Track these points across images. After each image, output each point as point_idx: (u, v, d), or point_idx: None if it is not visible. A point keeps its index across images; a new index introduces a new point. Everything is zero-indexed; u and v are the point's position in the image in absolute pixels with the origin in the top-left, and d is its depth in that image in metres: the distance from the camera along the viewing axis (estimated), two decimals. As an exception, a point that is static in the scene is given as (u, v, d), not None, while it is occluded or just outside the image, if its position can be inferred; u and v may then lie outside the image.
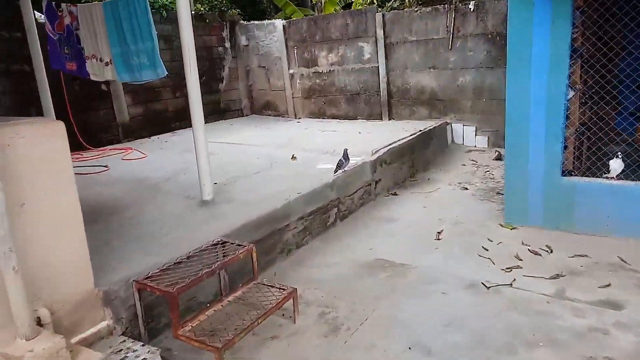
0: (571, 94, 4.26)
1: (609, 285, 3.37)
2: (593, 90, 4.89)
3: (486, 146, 7.29)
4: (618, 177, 4.11)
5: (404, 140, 6.43)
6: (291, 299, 3.04)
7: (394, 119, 8.20)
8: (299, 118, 9.19)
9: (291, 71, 9.09)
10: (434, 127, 7.20)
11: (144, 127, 7.71)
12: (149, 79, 4.60)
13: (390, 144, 6.16)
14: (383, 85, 8.12)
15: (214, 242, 3.17)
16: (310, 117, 9.14)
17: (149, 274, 2.73)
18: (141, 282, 2.64)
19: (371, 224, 4.87)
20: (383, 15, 7.84)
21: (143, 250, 3.21)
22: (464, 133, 7.47)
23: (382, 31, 7.89)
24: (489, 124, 7.24)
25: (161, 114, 7.98)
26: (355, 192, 5.23)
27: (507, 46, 4.30)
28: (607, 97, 4.48)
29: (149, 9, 4.46)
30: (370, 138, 6.65)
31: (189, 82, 4.06)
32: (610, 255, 3.78)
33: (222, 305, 2.99)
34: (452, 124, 7.55)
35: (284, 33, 8.95)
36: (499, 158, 6.64)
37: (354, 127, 7.75)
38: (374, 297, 3.46)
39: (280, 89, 9.31)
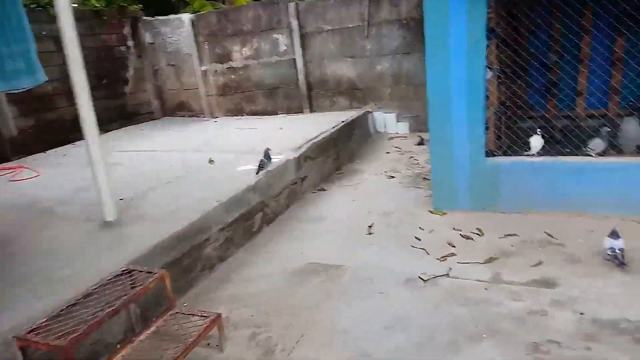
0: (489, 74, 4.24)
1: (540, 263, 3.37)
2: (508, 69, 4.96)
3: (408, 132, 7.29)
4: (539, 153, 4.15)
5: (327, 133, 6.22)
6: (216, 326, 2.68)
7: (315, 111, 7.98)
8: (216, 117, 8.70)
9: (203, 68, 8.55)
10: (356, 117, 7.07)
11: (37, 140, 6.84)
12: (28, 86, 3.97)
13: (313, 138, 5.92)
14: (302, 78, 7.86)
15: (119, 272, 2.72)
16: (228, 115, 8.68)
17: (36, 325, 2.25)
18: (24, 338, 2.16)
19: (300, 226, 4.60)
20: (297, 5, 7.55)
21: (30, 293, 2.69)
22: (386, 121, 7.42)
23: (297, 21, 7.60)
24: (409, 109, 7.24)
25: (56, 124, 7.13)
26: (281, 192, 4.93)
27: (425, 30, 4.18)
28: (521, 76, 4.52)
29: (21, 5, 3.84)
30: (292, 133, 6.37)
31: (76, 86, 3.52)
32: (538, 231, 3.80)
33: (135, 345, 2.57)
34: (374, 113, 7.47)
35: (193, 28, 8.38)
36: (421, 143, 6.65)
37: (274, 123, 7.42)
38: (309, 307, 3.20)
39: (193, 88, 8.73)
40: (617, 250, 3.12)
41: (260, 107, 8.38)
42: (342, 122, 6.74)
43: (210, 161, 5.38)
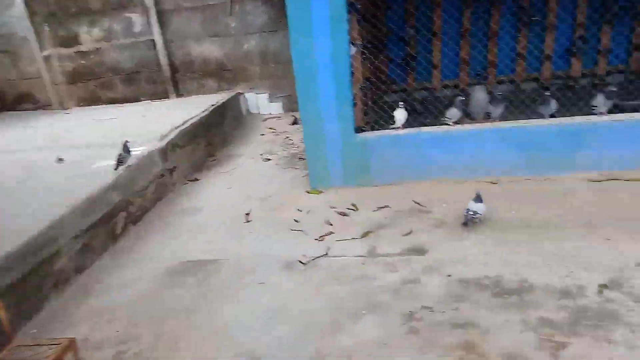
0: (353, 50, 4.24)
1: (411, 232, 3.51)
2: (369, 44, 5.05)
3: (282, 112, 7.19)
4: (403, 126, 4.30)
5: (197, 119, 5.84)
6: (70, 353, 2.32)
7: (182, 95, 7.47)
8: (68, 108, 7.70)
9: (45, 53, 7.46)
10: (227, 100, 6.76)
11: None
12: None
13: (180, 125, 5.51)
14: (164, 60, 7.27)
15: None
16: (82, 106, 7.74)
17: None
18: None
19: (172, 221, 4.26)
20: (147, -20, 6.89)
21: None
22: (258, 101, 7.22)
23: (151, -2, 6.95)
24: (281, 89, 7.12)
25: None
26: (147, 187, 4.51)
27: (287, 7, 4.03)
28: (382, 50, 4.62)
29: None
30: (157, 121, 5.86)
31: None
32: (408, 201, 3.96)
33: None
34: (245, 94, 7.22)
35: (27, 7, 7.22)
36: (295, 122, 6.59)
37: (136, 111, 6.80)
38: (184, 310, 2.96)
39: (35, 77, 7.60)
40: (470, 212, 3.35)
41: (120, 94, 7.61)
42: (212, 105, 6.39)
43: (59, 160, 4.71)
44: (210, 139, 6.02)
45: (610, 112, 3.86)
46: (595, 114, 3.85)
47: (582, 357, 2.13)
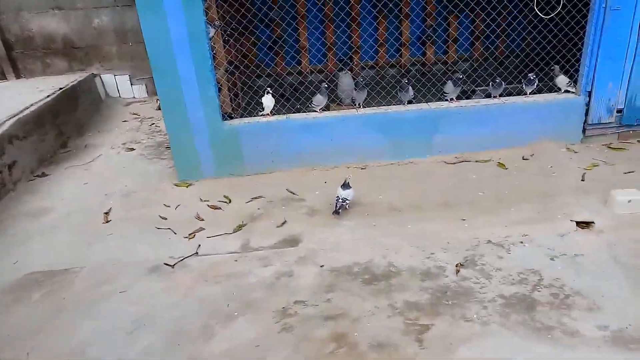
0: (212, 31, 3.96)
1: (285, 222, 3.43)
2: (232, 26, 4.79)
3: (146, 95, 6.59)
4: (272, 112, 4.18)
5: (40, 104, 5.04)
6: None
7: (23, 76, 6.42)
8: None
9: None
10: (79, 82, 5.96)
11: None
12: None
13: (18, 113, 4.71)
14: (-6, 34, 6.14)
15: None
16: None
17: None
18: None
19: (14, 226, 3.64)
20: (-37, -64, 5.68)
21: None
22: (118, 84, 6.51)
23: (-31, -41, 5.76)
24: (143, 70, 6.49)
25: None
26: (-23, 188, 3.78)
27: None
28: (246, 33, 4.41)
29: None
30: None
31: None
32: (281, 190, 3.88)
33: None
34: (101, 75, 6.45)
35: None
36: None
37: (-37, 95, 5.67)
38: (30, 332, 2.54)
39: None
40: (340, 200, 3.39)
41: (-62, 74, 6.28)
42: (61, 89, 5.58)
43: None
44: (61, 127, 5.27)
45: (459, 98, 4.18)
46: (447, 100, 4.13)
47: (443, 337, 2.26)
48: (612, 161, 3.86)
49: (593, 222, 3.05)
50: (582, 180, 3.61)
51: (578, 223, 3.05)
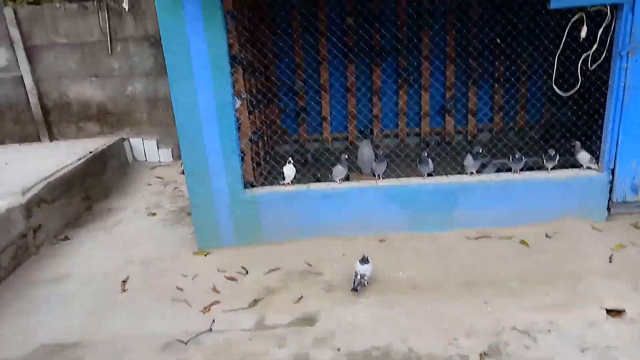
0: (238, 103, 4.11)
1: (301, 297, 3.36)
2: (259, 95, 4.97)
3: (171, 159, 6.78)
4: (292, 182, 4.22)
5: (71, 167, 5.22)
6: None
7: (57, 139, 6.72)
8: None
9: None
10: (109, 146, 6.19)
11: None
12: None
13: (50, 175, 4.87)
14: (34, 100, 6.50)
15: None
16: None
17: None
18: None
19: (31, 292, 3.65)
20: (15, 12, 6.17)
21: None
22: (145, 148, 6.73)
23: (19, 31, 6.23)
24: (170, 136, 6.72)
25: None
26: (2, 252, 3.85)
27: (165, 56, 3.80)
28: (272, 101, 4.55)
29: None
30: (22, 169, 5.13)
31: None
32: (299, 262, 3.83)
33: None
34: (130, 140, 6.69)
35: None
36: (186, 171, 6.23)
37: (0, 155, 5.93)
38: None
39: None
40: (358, 276, 3.32)
41: (-21, 136, 6.63)
42: (91, 152, 5.80)
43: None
44: (88, 190, 5.42)
45: (479, 171, 4.16)
46: (467, 174, 4.11)
47: None
48: (639, 242, 3.72)
49: (624, 310, 2.90)
50: (610, 262, 3.47)
51: (608, 311, 2.90)
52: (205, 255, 4.07)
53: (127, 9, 6.14)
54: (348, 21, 5.61)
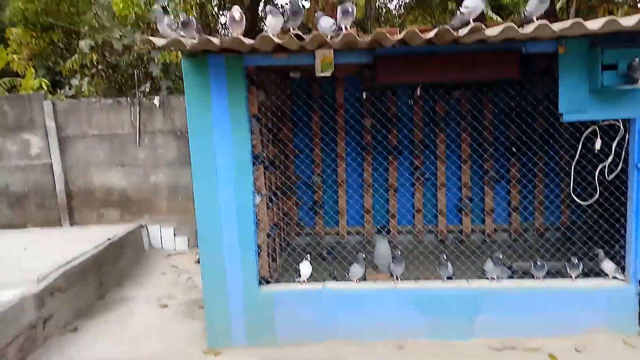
0: (258, 199, 4.19)
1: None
2: (278, 189, 5.08)
3: (187, 248, 6.79)
4: (309, 280, 4.15)
5: (87, 255, 5.24)
6: None
7: (77, 224, 6.84)
8: None
9: None
10: (127, 233, 6.26)
11: None
12: None
13: (65, 264, 4.88)
14: (60, 186, 6.73)
15: None
16: (-46, 229, 6.74)
17: None
18: None
19: (33, 392, 3.50)
20: (54, 105, 6.62)
21: None
22: (162, 235, 6.79)
23: (54, 122, 6.63)
24: (188, 224, 6.80)
25: None
26: (10, 343, 3.75)
27: (191, 154, 3.97)
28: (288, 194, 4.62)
29: None
30: (40, 255, 5.17)
31: None
32: (312, 368, 3.65)
33: None
34: (148, 227, 6.78)
35: None
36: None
37: (20, 240, 6.01)
38: None
39: None
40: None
41: (4, 219, 6.79)
42: (109, 239, 5.85)
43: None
44: (103, 278, 5.39)
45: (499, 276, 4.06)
46: (488, 279, 4.01)
47: None
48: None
49: None
50: (648, 383, 3.23)
51: None
52: (215, 355, 3.91)
53: (157, 105, 6.54)
54: (366, 122, 5.86)
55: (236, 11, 3.24)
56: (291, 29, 3.28)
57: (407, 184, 6.01)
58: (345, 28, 3.34)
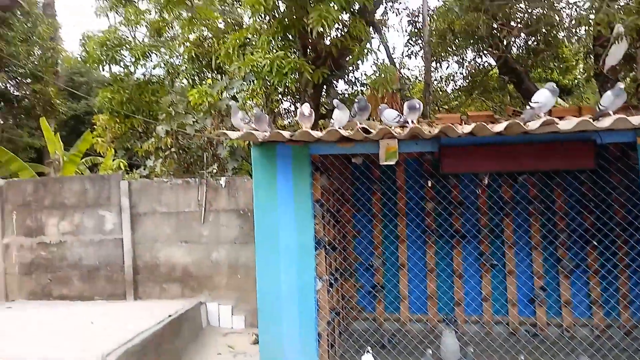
0: (319, 284, 4.13)
1: None
2: (337, 272, 4.99)
3: (244, 327, 6.69)
4: (370, 375, 3.92)
5: (150, 332, 5.28)
6: None
7: (140, 298, 6.99)
8: (12, 300, 7.05)
9: (6, 241, 7.15)
10: (186, 310, 6.29)
11: None
12: None
13: (128, 341, 4.93)
14: (128, 261, 7.00)
15: None
16: (30, 299, 7.11)
17: None
18: None
19: None
20: (129, 184, 7.08)
21: None
22: (220, 313, 6.77)
23: (128, 200, 7.05)
24: (246, 301, 6.77)
25: None
26: None
27: (256, 235, 4.04)
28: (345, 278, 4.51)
29: None
30: (104, 331, 5.27)
31: None
32: None
33: None
34: (207, 304, 6.80)
35: (1, 194, 7.18)
36: (257, 342, 6.07)
37: (88, 312, 6.20)
38: None
39: (-13, 264, 7.12)
40: None
41: (75, 291, 7.09)
42: (170, 315, 5.90)
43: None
44: (160, 356, 5.37)
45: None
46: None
47: None
48: None
49: None
50: None
51: None
52: None
53: (223, 186, 6.82)
54: (428, 206, 5.76)
55: (306, 107, 3.42)
56: (358, 123, 3.38)
57: (472, 270, 5.72)
58: (412, 122, 3.40)
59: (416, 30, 7.95)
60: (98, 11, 8.57)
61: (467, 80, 8.02)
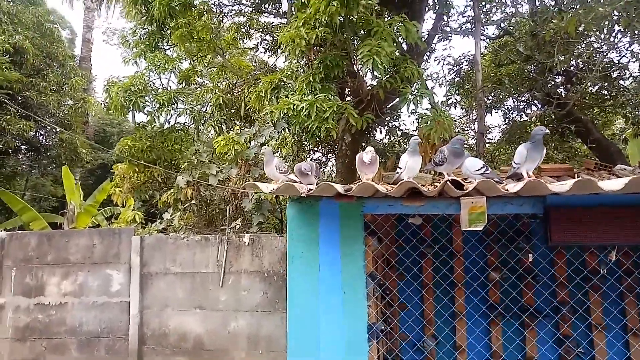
0: None
1: None
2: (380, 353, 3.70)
3: (263, 418, 5.31)
4: None
5: None
6: None
7: (144, 374, 5.71)
8: (0, 371, 5.83)
9: (1, 301, 6.04)
10: (196, 395, 4.99)
11: None
12: None
13: None
14: (134, 328, 5.79)
15: None
16: (20, 369, 5.88)
17: None
18: None
19: None
20: (141, 239, 6.01)
21: None
22: (236, 400, 5.42)
23: (139, 258, 5.94)
24: (267, 385, 5.43)
25: None
26: None
27: (288, 325, 2.84)
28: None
29: None
30: None
31: None
32: None
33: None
34: (221, 386, 5.48)
35: (2, 248, 6.17)
36: None
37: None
38: None
39: (-24, 328, 5.98)
40: None
41: (70, 361, 5.85)
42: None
43: None
44: None
45: None
46: None
47: None
48: None
49: None
50: None
51: None
52: None
53: (247, 243, 5.69)
54: (492, 275, 4.51)
55: (368, 153, 2.36)
56: (446, 174, 2.28)
57: (551, 357, 4.35)
58: (527, 173, 2.28)
59: (459, 78, 7.00)
60: (127, 59, 7.93)
61: (520, 130, 6.88)
